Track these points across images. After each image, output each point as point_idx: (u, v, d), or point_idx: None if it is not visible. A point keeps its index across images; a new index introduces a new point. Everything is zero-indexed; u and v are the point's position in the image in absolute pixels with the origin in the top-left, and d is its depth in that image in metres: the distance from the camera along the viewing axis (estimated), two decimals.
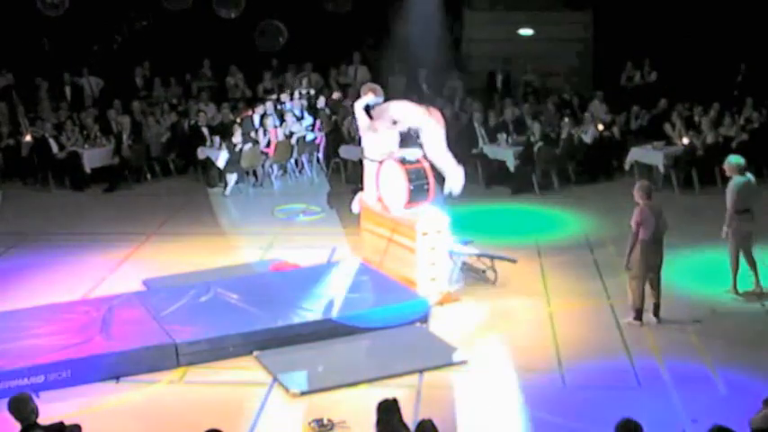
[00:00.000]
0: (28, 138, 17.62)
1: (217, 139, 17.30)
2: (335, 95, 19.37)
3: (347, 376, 9.17)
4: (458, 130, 18.07)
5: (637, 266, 10.33)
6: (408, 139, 14.88)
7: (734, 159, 11.34)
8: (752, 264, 11.29)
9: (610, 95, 19.32)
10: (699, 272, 11.97)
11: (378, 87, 12.64)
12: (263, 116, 17.71)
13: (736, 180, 11.13)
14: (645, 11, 19.59)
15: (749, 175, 11.25)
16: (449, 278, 11.41)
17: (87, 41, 20.84)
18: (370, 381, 9.08)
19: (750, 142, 16.62)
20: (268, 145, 17.26)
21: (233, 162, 16.64)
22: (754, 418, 6.59)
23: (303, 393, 8.85)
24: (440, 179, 11.79)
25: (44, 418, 6.24)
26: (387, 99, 12.43)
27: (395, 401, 6.51)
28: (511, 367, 9.53)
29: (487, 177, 17.05)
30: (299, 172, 17.82)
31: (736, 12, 19.01)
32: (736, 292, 11.24)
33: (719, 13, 19.07)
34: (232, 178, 16.69)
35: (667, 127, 17.59)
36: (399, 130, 11.87)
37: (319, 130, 18.07)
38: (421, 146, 11.79)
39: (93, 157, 17.24)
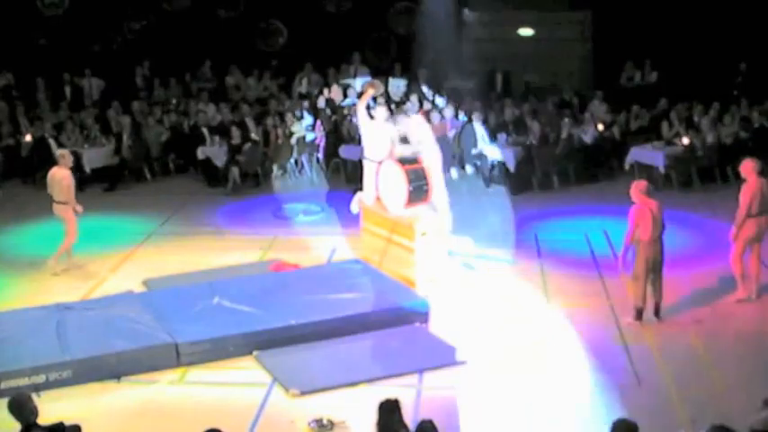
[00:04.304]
0: (28, 138, 17.62)
1: (217, 139, 17.32)
2: (333, 91, 19.27)
3: (347, 376, 9.18)
4: (458, 130, 18.10)
5: (637, 266, 10.37)
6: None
7: (750, 160, 10.91)
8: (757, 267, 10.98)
9: (610, 95, 19.31)
10: (698, 272, 11.94)
11: (377, 82, 12.63)
12: (262, 115, 17.70)
13: (750, 182, 10.75)
14: (645, 11, 19.59)
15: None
16: (449, 278, 11.43)
17: (87, 41, 20.83)
18: (370, 381, 9.08)
19: (750, 142, 16.63)
20: (267, 145, 17.24)
21: (233, 162, 16.65)
22: (752, 420, 6.57)
23: (303, 393, 8.85)
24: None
25: (44, 418, 6.24)
26: (387, 100, 12.44)
27: (395, 401, 6.51)
28: (511, 367, 9.54)
29: (487, 177, 17.04)
30: (299, 172, 17.82)
31: (735, 12, 19.00)
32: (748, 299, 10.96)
33: (719, 13, 19.07)
34: (232, 178, 16.69)
35: (664, 126, 17.59)
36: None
37: (319, 130, 18.07)
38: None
39: (93, 157, 17.22)
